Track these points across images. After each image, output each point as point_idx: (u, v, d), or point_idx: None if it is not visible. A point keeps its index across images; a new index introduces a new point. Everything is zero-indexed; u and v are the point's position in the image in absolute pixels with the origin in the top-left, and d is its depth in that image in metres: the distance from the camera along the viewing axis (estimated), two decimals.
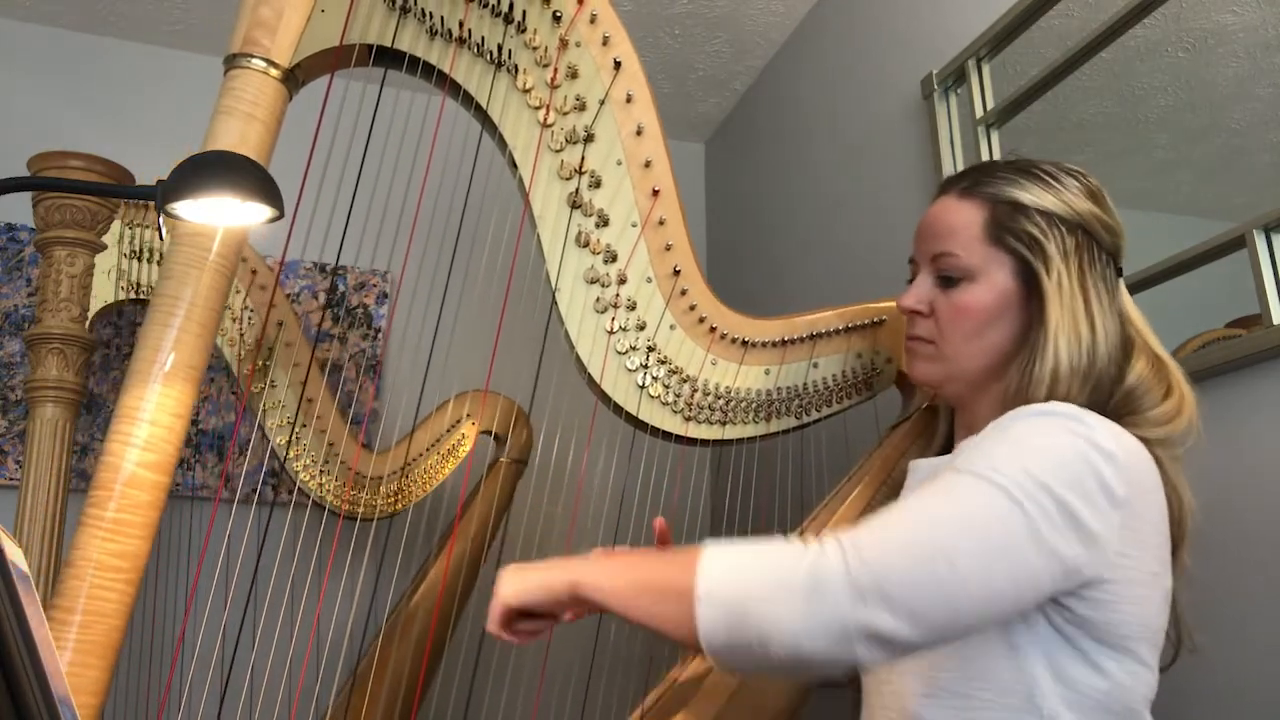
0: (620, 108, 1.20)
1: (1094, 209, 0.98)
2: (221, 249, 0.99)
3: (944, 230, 1.01)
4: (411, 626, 1.73)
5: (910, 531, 0.78)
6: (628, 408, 1.21)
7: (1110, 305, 0.96)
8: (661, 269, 1.22)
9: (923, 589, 0.75)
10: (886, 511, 0.81)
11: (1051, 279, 0.95)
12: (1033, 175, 1.00)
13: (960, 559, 0.76)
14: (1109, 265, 0.98)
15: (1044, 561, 0.78)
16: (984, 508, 0.79)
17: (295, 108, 1.08)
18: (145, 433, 0.93)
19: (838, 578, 0.74)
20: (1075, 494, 0.80)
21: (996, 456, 0.82)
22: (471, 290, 1.71)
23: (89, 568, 0.90)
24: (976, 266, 0.98)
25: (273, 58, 1.03)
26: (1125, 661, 0.85)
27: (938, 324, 1.01)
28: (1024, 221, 0.97)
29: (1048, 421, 0.85)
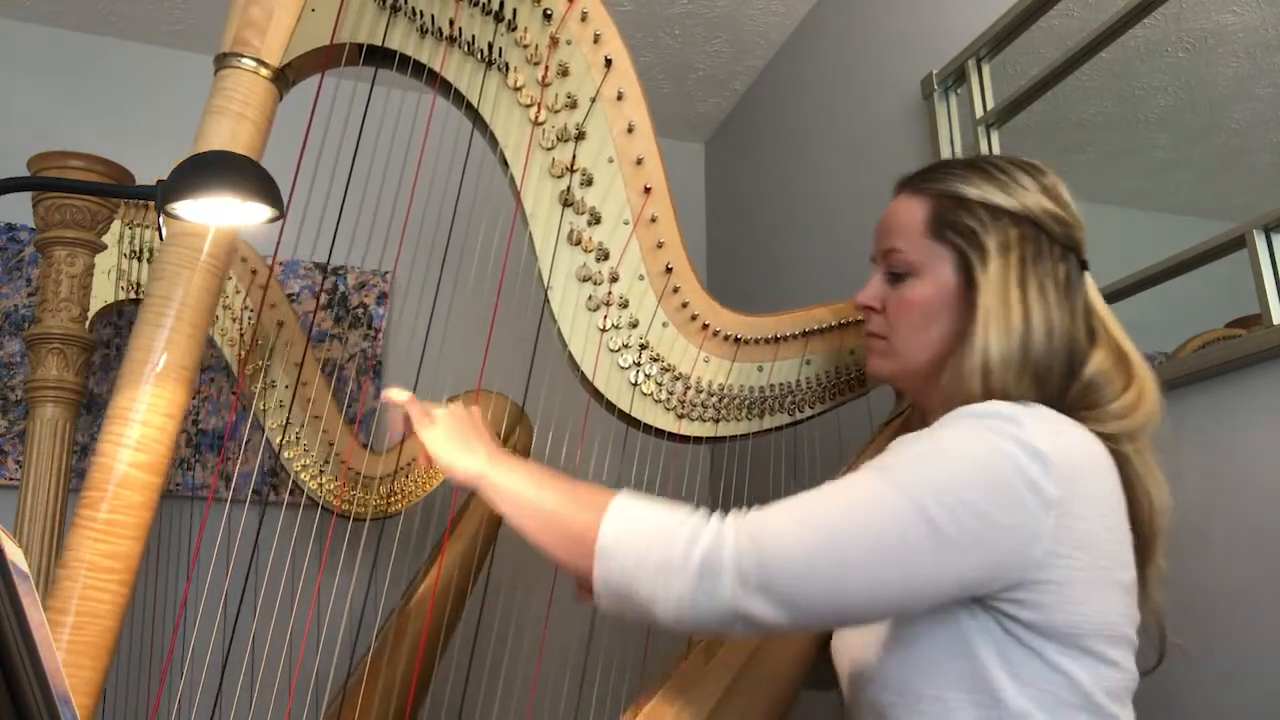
0: (611, 105, 1.20)
1: (1044, 201, 0.98)
2: (213, 249, 0.99)
3: (892, 227, 1.04)
4: (413, 626, 1.73)
5: (806, 523, 0.81)
6: (620, 405, 1.21)
7: (1060, 297, 0.94)
8: (654, 266, 1.22)
9: (806, 583, 0.79)
10: (799, 497, 0.84)
11: (986, 271, 0.95)
12: (981, 170, 1.00)
13: (848, 557, 0.79)
14: (1064, 258, 0.97)
15: (938, 567, 0.80)
16: (880, 508, 0.81)
17: (286, 107, 1.08)
18: (137, 433, 0.93)
19: (728, 565, 0.80)
20: (991, 499, 0.80)
21: (909, 460, 0.84)
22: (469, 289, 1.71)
23: (82, 569, 0.90)
24: (920, 261, 1.00)
25: (263, 57, 1.03)
26: (1083, 659, 0.84)
27: (888, 320, 1.03)
28: (964, 215, 0.98)
29: (978, 423, 0.85)
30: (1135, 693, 0.90)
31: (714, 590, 0.80)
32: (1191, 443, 1.20)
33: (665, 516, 0.85)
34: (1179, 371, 1.21)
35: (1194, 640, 1.16)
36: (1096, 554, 0.85)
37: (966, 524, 0.79)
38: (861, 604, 0.81)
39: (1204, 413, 1.20)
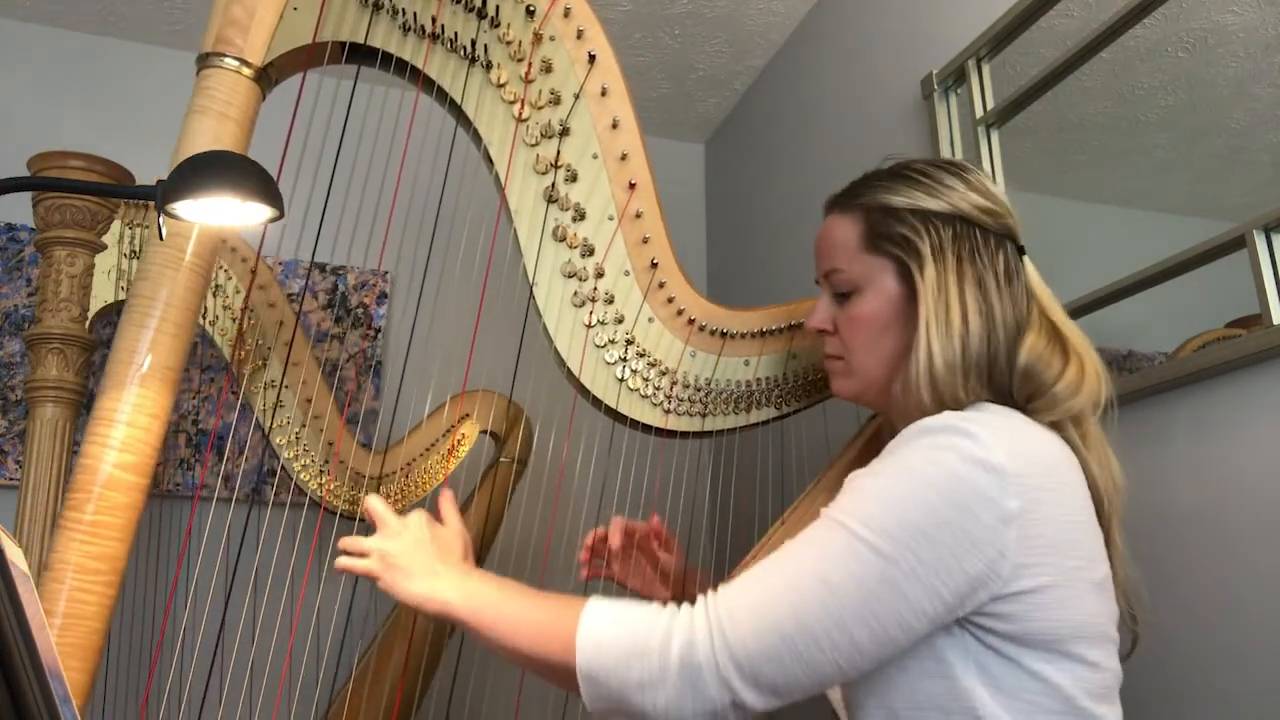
0: (595, 101, 1.20)
1: (971, 197, 0.98)
2: (197, 249, 0.99)
3: (829, 247, 1.05)
4: (411, 626, 1.73)
5: (769, 602, 0.81)
6: (607, 401, 1.21)
7: (1004, 290, 0.95)
8: (639, 262, 1.22)
9: (786, 667, 0.79)
10: (761, 567, 0.84)
11: (925, 277, 0.95)
12: (904, 177, 1.01)
13: (814, 626, 0.79)
14: (1001, 248, 0.97)
15: (910, 605, 0.80)
16: (840, 560, 0.81)
17: (272, 106, 1.08)
18: (122, 434, 0.93)
19: (705, 666, 0.80)
20: (950, 526, 0.80)
21: (861, 499, 0.84)
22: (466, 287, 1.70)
23: (68, 571, 0.90)
24: (862, 277, 1.01)
25: (246, 57, 1.03)
26: (1062, 663, 0.84)
27: (841, 339, 1.04)
28: (896, 224, 0.99)
29: (930, 443, 0.84)
30: (1134, 692, 0.90)
31: (699, 693, 0.80)
32: (1192, 443, 1.20)
33: (634, 627, 0.84)
34: (1179, 371, 1.21)
35: (1193, 639, 1.16)
36: (1066, 556, 0.84)
37: (925, 556, 0.79)
38: (839, 666, 0.80)
39: (1204, 413, 1.20)
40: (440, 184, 1.19)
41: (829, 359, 1.07)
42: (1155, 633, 0.98)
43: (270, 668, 1.75)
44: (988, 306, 0.94)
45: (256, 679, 1.71)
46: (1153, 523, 1.20)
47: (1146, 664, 0.92)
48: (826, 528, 0.84)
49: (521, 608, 0.91)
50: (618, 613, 0.86)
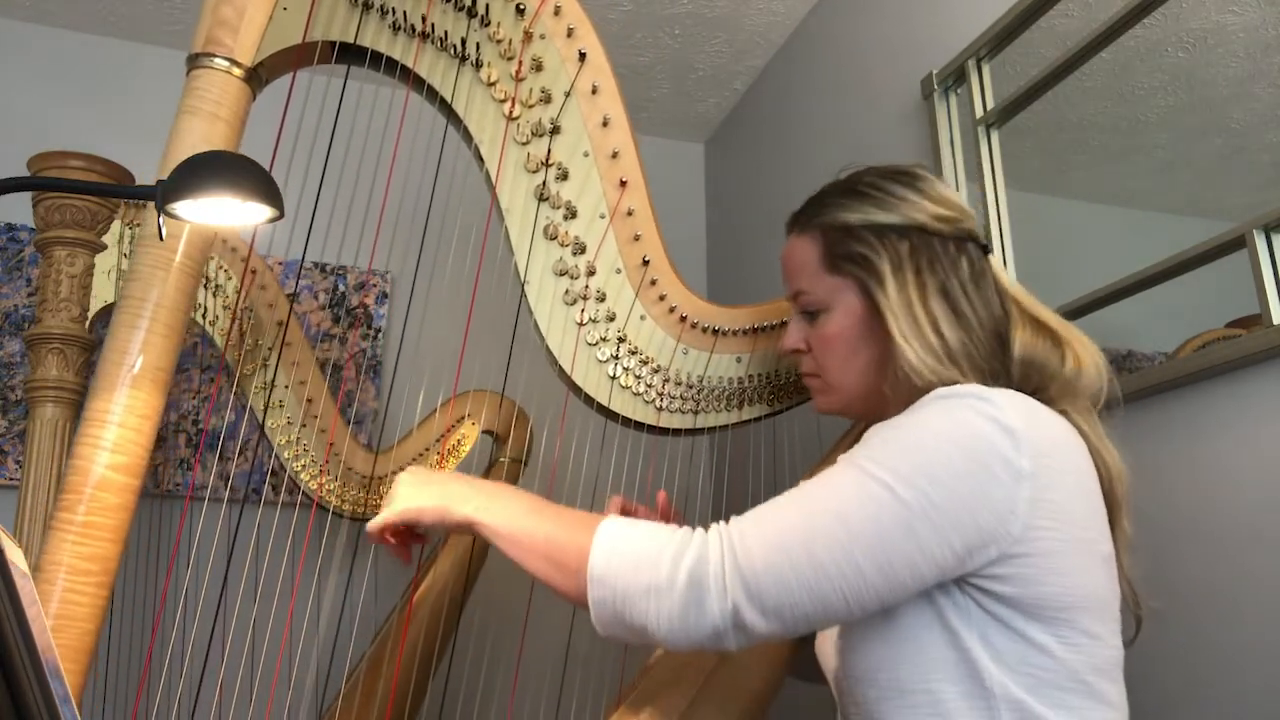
0: (586, 99, 1.20)
1: (925, 205, 0.99)
2: (188, 250, 0.99)
3: (792, 269, 1.06)
4: (412, 627, 1.73)
5: (782, 528, 0.83)
6: (599, 399, 1.22)
7: (971, 291, 0.96)
8: (630, 259, 1.22)
9: (788, 588, 0.80)
10: (777, 500, 0.86)
11: (887, 294, 0.96)
12: (857, 193, 1.02)
13: (822, 553, 0.80)
14: (962, 251, 0.99)
15: (915, 549, 0.81)
16: (850, 497, 0.82)
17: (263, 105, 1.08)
18: (114, 435, 0.93)
19: (713, 582, 0.81)
20: (964, 474, 0.81)
21: (881, 446, 0.85)
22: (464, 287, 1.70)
23: (59, 572, 0.90)
24: (827, 297, 1.02)
25: (235, 57, 1.03)
26: (1065, 634, 0.84)
27: (815, 358, 1.05)
28: (853, 243, 1.00)
29: (948, 402, 0.86)
30: (1130, 691, 0.90)
31: (702, 607, 0.81)
32: (1191, 442, 1.20)
33: (651, 537, 0.86)
34: (1179, 371, 1.21)
35: (1192, 638, 1.16)
36: (1075, 525, 0.85)
37: (940, 502, 0.80)
38: (845, 598, 0.81)
39: (1204, 413, 1.20)
40: (433, 182, 1.19)
41: (807, 377, 1.09)
42: (1152, 632, 0.98)
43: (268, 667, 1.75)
44: (957, 312, 0.95)
45: (255, 678, 1.71)
46: (1152, 522, 1.20)
47: (1144, 663, 0.92)
48: (844, 471, 0.85)
49: (543, 513, 0.93)
50: (636, 526, 0.88)
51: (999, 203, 1.52)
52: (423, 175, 1.23)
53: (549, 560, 0.90)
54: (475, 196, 1.28)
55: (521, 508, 0.95)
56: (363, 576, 1.97)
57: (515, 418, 1.87)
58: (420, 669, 1.72)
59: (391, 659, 1.69)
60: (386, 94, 1.26)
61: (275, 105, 1.10)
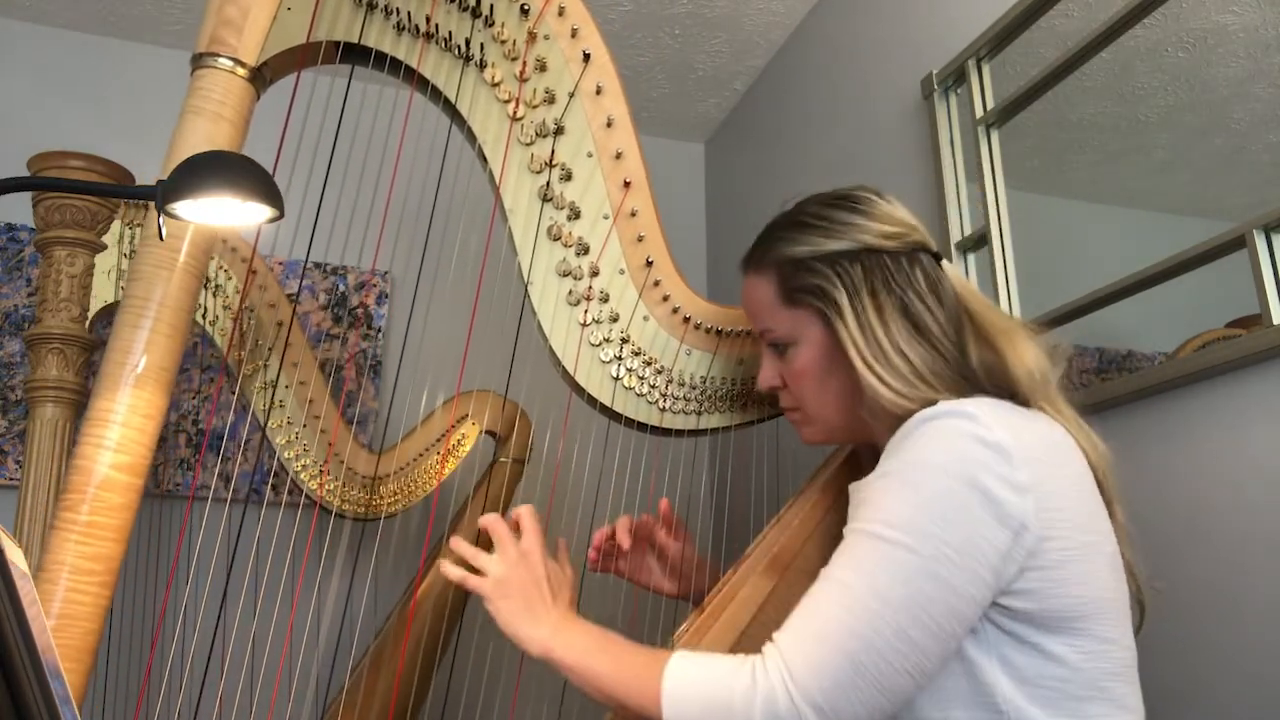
0: (590, 100, 1.20)
1: (871, 225, 1.00)
2: (191, 249, 0.99)
3: (754, 309, 1.08)
4: (413, 626, 1.73)
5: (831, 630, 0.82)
6: (602, 399, 1.21)
7: (930, 301, 0.96)
8: (634, 260, 1.22)
9: (860, 690, 0.80)
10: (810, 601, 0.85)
11: (847, 322, 0.96)
12: (802, 224, 1.03)
13: (879, 643, 0.80)
14: (915, 264, 0.99)
15: (956, 593, 0.81)
16: (880, 570, 0.82)
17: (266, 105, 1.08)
18: (117, 435, 0.93)
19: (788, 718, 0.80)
20: (972, 509, 0.81)
21: (882, 501, 0.85)
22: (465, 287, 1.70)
23: (62, 571, 0.90)
24: (791, 331, 1.03)
25: (239, 56, 1.02)
26: (1080, 642, 0.85)
27: (791, 392, 1.06)
28: (806, 275, 1.00)
29: (930, 430, 0.86)
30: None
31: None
32: (1191, 442, 1.20)
33: (716, 685, 0.85)
34: (1179, 371, 1.21)
35: (1192, 638, 1.16)
36: (1078, 531, 0.86)
37: (955, 541, 0.81)
38: (910, 674, 0.81)
39: (1204, 413, 1.20)
40: (435, 183, 1.19)
41: (787, 411, 1.10)
42: (1152, 630, 0.98)
43: (269, 667, 1.75)
44: (920, 328, 0.95)
45: (256, 679, 1.71)
46: (1152, 522, 1.20)
47: (1143, 662, 0.92)
48: (855, 543, 0.85)
49: (612, 659, 0.93)
50: (700, 669, 0.87)
51: (999, 203, 1.52)
52: (425, 176, 1.23)
53: (618, 701, 0.90)
54: (477, 197, 1.28)
55: (588, 644, 0.95)
56: (364, 576, 1.97)
57: (516, 418, 1.87)
58: (424, 665, 1.72)
59: (394, 656, 1.69)
60: (389, 94, 1.26)
61: (275, 106, 1.10)
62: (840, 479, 1.19)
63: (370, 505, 1.76)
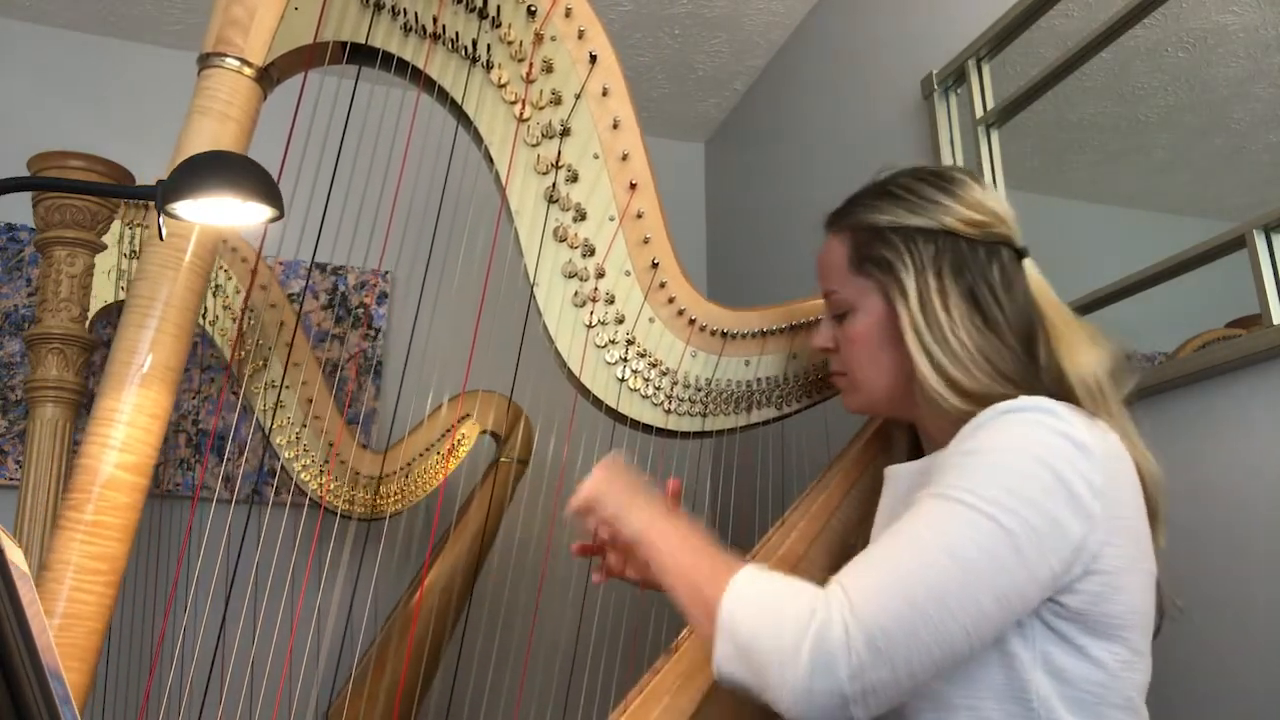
0: (596, 101, 1.20)
1: (957, 209, 0.99)
2: (197, 249, 0.99)
3: (823, 269, 1.07)
4: (413, 626, 1.73)
5: (898, 580, 0.80)
6: (607, 401, 1.21)
7: (1003, 296, 0.96)
8: (640, 262, 1.22)
9: (920, 639, 0.78)
10: (879, 549, 0.84)
11: (909, 299, 0.96)
12: (889, 194, 1.02)
13: (946, 597, 0.79)
14: (994, 257, 0.98)
15: (1029, 575, 0.80)
16: (962, 534, 0.81)
17: (273, 105, 1.08)
18: (123, 434, 0.93)
19: (838, 649, 0.78)
20: (1053, 494, 0.81)
21: (968, 473, 0.84)
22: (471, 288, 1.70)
23: (67, 570, 0.90)
24: (853, 298, 1.03)
25: (246, 56, 1.02)
26: (1119, 651, 0.85)
27: (843, 357, 1.06)
28: (879, 246, 1.00)
29: (1018, 419, 0.86)
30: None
31: (829, 675, 0.78)
32: (1191, 442, 1.20)
33: (777, 601, 0.84)
34: (1179, 371, 1.21)
35: (1192, 638, 1.16)
36: (1133, 541, 0.86)
37: (1037, 524, 0.80)
38: (969, 636, 0.80)
39: (1204, 413, 1.20)
40: (440, 184, 1.19)
41: (835, 375, 1.09)
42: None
43: (270, 668, 1.75)
44: (986, 318, 0.94)
45: (257, 679, 1.71)
46: None
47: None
48: (932, 506, 0.84)
49: (695, 555, 0.92)
50: (764, 586, 0.86)
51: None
52: (428, 177, 1.23)
53: (686, 596, 0.90)
54: (480, 198, 1.28)
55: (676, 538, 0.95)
56: (365, 576, 1.97)
57: (515, 418, 1.87)
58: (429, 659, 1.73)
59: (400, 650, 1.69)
60: (394, 95, 1.26)
61: (281, 106, 1.10)
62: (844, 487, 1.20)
63: (371, 505, 1.76)
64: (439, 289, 2.08)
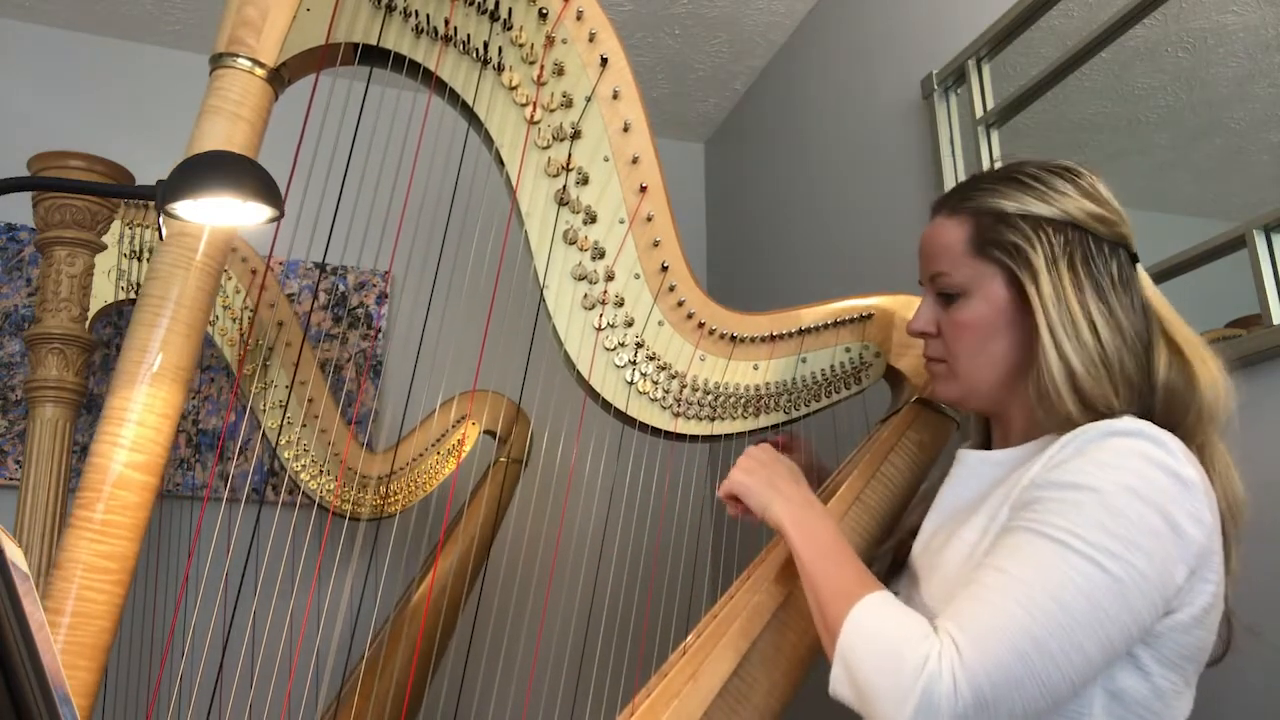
0: (607, 104, 1.20)
1: (1085, 204, 0.96)
2: (208, 249, 0.99)
3: (936, 250, 1.03)
4: (412, 627, 1.73)
5: (1009, 625, 0.80)
6: (616, 404, 1.21)
7: (1122, 297, 0.93)
8: (649, 265, 1.22)
9: (1025, 689, 0.79)
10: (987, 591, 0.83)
11: (1041, 287, 0.93)
12: (1016, 181, 0.99)
13: (1052, 646, 0.79)
14: (1114, 256, 0.95)
15: (1134, 620, 0.80)
16: (1068, 582, 0.80)
17: (283, 106, 1.08)
18: (133, 433, 0.93)
19: (945, 706, 0.78)
20: (1162, 536, 0.80)
21: (1072, 511, 0.82)
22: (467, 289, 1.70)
23: (77, 569, 0.90)
24: (968, 282, 0.99)
25: (258, 57, 1.02)
26: (1176, 680, 0.85)
27: (945, 343, 1.02)
28: (1007, 231, 0.97)
29: (1123, 448, 0.84)
30: None
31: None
32: None
33: (893, 646, 0.84)
34: None
35: None
36: (1219, 576, 0.86)
37: (1145, 570, 0.80)
38: (1072, 683, 0.80)
39: None
40: (450, 186, 1.19)
41: (931, 361, 1.06)
42: None
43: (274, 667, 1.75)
44: (1114, 315, 0.92)
45: (259, 679, 1.71)
46: None
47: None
48: (1035, 545, 0.83)
49: (834, 566, 0.95)
50: (890, 616, 0.87)
51: None
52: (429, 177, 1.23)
53: (815, 605, 0.93)
54: (484, 200, 1.28)
55: (817, 540, 0.98)
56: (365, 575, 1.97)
57: (516, 418, 1.87)
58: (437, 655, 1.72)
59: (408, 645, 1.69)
60: (394, 95, 1.26)
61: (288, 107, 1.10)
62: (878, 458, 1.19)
63: (371, 505, 1.76)
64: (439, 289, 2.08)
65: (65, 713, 0.51)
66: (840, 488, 1.16)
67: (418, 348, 2.15)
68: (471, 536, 1.80)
